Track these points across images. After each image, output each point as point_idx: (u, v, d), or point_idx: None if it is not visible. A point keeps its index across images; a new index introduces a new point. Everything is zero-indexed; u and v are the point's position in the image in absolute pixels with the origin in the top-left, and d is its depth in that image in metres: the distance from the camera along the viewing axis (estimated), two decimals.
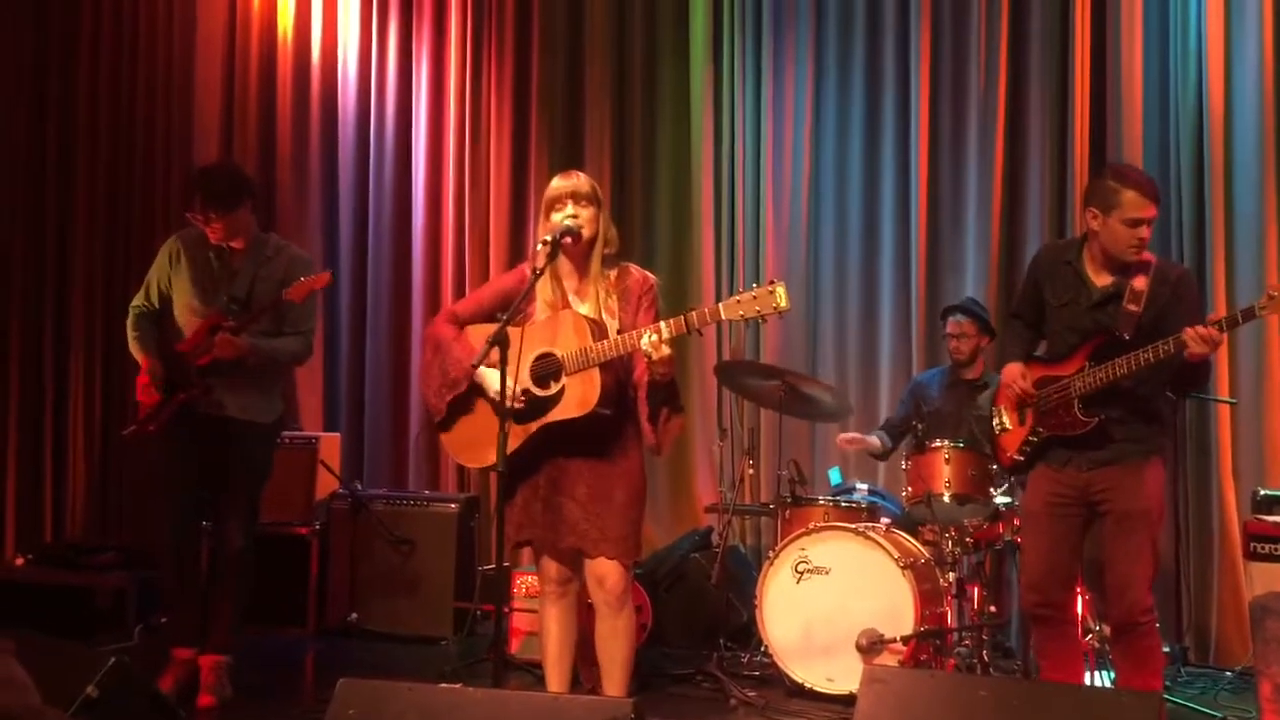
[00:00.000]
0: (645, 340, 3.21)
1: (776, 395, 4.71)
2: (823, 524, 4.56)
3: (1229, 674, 4.70)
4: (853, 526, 4.48)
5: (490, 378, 3.34)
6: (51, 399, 6.62)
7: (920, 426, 4.76)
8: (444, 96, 6.45)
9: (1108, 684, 4.05)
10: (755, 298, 3.20)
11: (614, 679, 3.49)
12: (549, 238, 3.41)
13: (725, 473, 5.66)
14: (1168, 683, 4.37)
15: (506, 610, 4.82)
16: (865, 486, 5.16)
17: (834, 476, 5.28)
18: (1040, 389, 3.52)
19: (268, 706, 4.15)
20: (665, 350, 3.22)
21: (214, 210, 4.15)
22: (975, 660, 4.44)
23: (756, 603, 4.54)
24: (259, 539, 4.38)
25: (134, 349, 4.35)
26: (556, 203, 3.43)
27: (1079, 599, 4.09)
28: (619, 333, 3.38)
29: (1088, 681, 3.93)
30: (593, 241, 3.45)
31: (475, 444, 3.48)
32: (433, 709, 2.60)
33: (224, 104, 6.68)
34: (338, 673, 2.83)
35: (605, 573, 3.41)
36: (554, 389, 3.35)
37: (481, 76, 6.38)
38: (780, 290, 3.19)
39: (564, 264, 3.48)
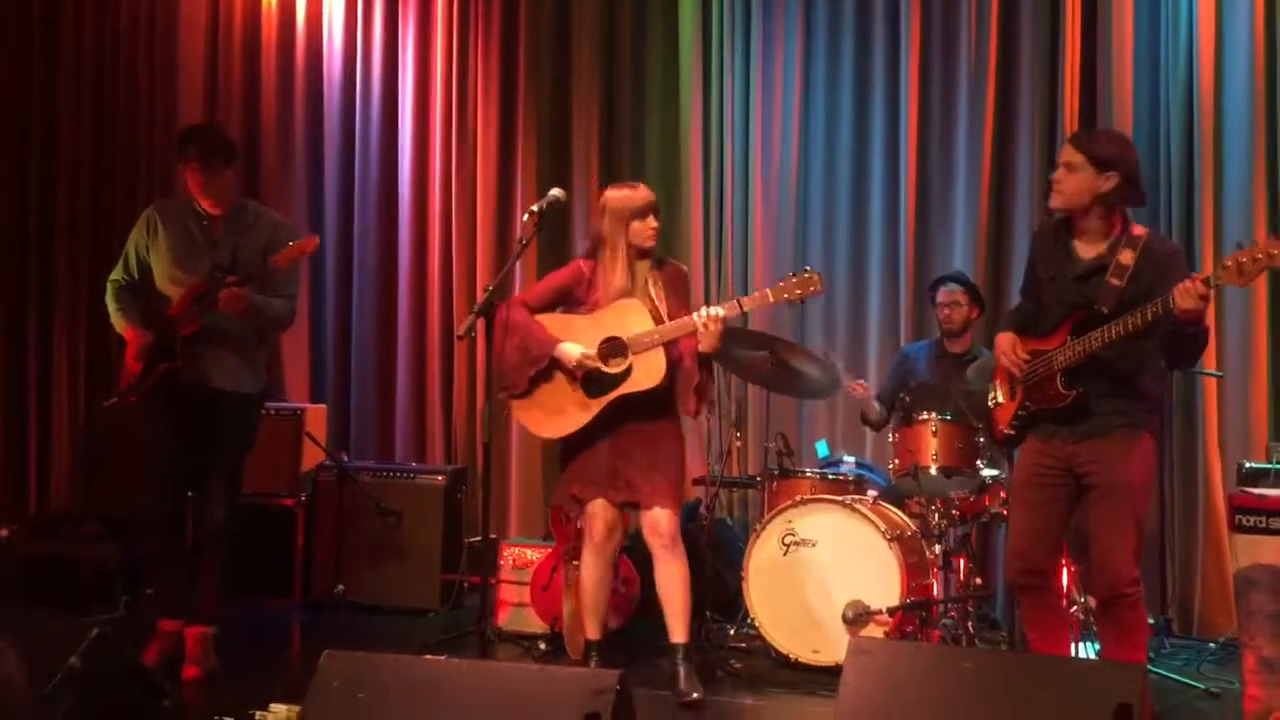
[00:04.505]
0: (699, 320, 3.81)
1: (765, 368, 4.69)
2: (810, 496, 4.56)
3: (1212, 646, 4.74)
4: (840, 499, 4.49)
5: (570, 351, 3.92)
6: (36, 369, 6.58)
7: (907, 399, 4.76)
8: (430, 68, 6.39)
9: (1093, 655, 4.07)
10: (797, 282, 3.83)
11: (677, 619, 3.99)
12: (534, 209, 3.77)
13: (713, 445, 5.64)
14: (1151, 654, 4.39)
15: (493, 582, 4.83)
16: (852, 459, 5.16)
17: (821, 449, 5.27)
18: (1030, 362, 3.51)
19: (253, 678, 4.14)
20: (719, 328, 3.83)
21: (208, 163, 4.15)
22: (961, 632, 4.45)
23: (743, 575, 4.56)
24: (244, 510, 4.35)
25: (116, 321, 4.31)
26: (643, 213, 4.00)
27: (1064, 570, 4.11)
28: (667, 316, 3.94)
29: (1073, 653, 3.95)
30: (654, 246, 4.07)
31: (548, 416, 4.02)
32: (417, 680, 2.60)
33: (207, 73, 6.61)
34: (323, 644, 2.82)
35: (658, 519, 3.96)
36: (621, 367, 3.90)
37: (468, 49, 6.33)
38: (817, 276, 3.84)
39: (629, 260, 3.99)
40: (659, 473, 3.99)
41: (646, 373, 3.90)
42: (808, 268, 3.91)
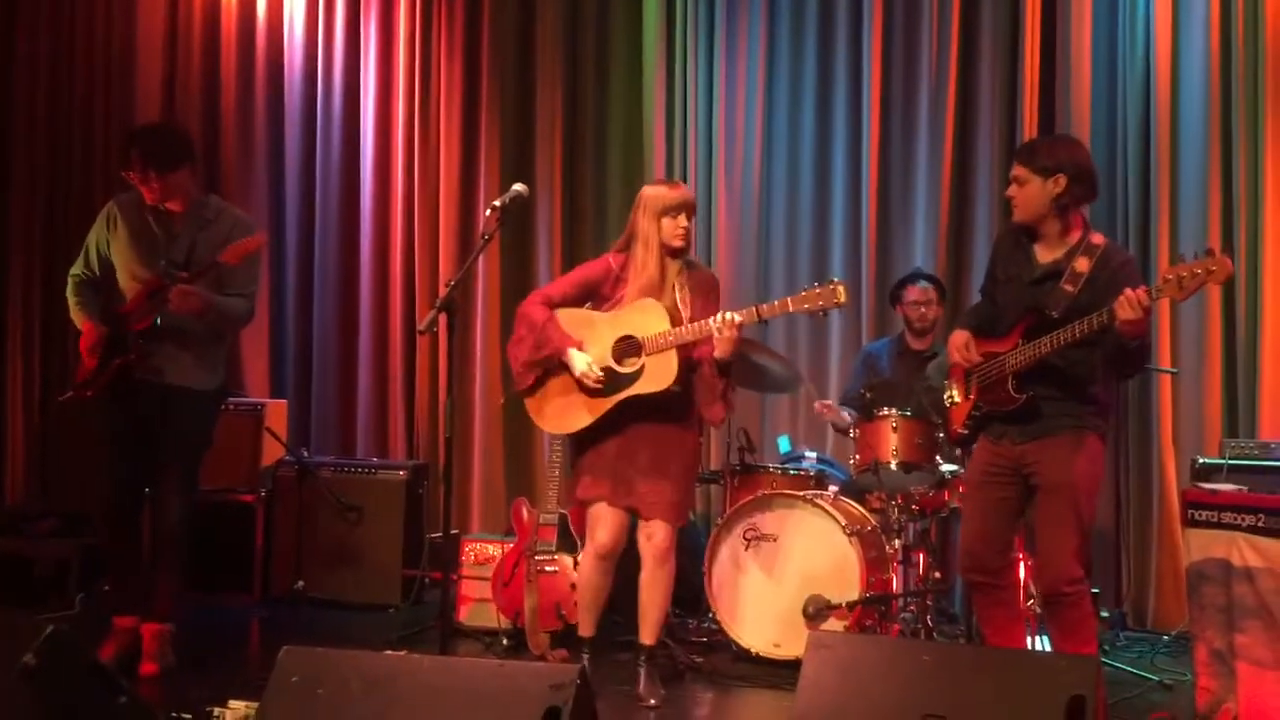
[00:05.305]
0: (715, 325, 3.68)
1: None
2: (771, 492, 4.59)
3: (1166, 639, 4.80)
4: (801, 494, 4.52)
5: (576, 360, 3.81)
6: None
7: (869, 395, 4.79)
8: (393, 62, 6.36)
9: (1049, 649, 4.11)
10: (819, 293, 3.64)
11: (648, 623, 3.97)
12: (497, 204, 3.64)
13: None
14: (1106, 647, 4.45)
15: (454, 578, 4.81)
16: (814, 454, 5.18)
17: (783, 445, 5.30)
18: (984, 363, 3.55)
19: (212, 674, 4.11)
20: (735, 334, 3.69)
21: (151, 169, 4.07)
22: (919, 625, 4.50)
23: (705, 569, 4.57)
24: (204, 506, 4.31)
25: (75, 314, 4.26)
26: (675, 211, 3.85)
27: (1020, 565, 4.15)
28: (690, 320, 3.81)
29: (1028, 646, 4.00)
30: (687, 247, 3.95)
31: (557, 413, 3.94)
32: (376, 676, 2.59)
33: (166, 65, 6.54)
34: (283, 640, 2.80)
35: (655, 530, 3.90)
36: (634, 367, 3.80)
37: (431, 44, 6.30)
38: (841, 289, 3.64)
39: (660, 257, 3.87)
40: (664, 482, 3.87)
41: (657, 375, 3.78)
42: (834, 279, 3.71)
